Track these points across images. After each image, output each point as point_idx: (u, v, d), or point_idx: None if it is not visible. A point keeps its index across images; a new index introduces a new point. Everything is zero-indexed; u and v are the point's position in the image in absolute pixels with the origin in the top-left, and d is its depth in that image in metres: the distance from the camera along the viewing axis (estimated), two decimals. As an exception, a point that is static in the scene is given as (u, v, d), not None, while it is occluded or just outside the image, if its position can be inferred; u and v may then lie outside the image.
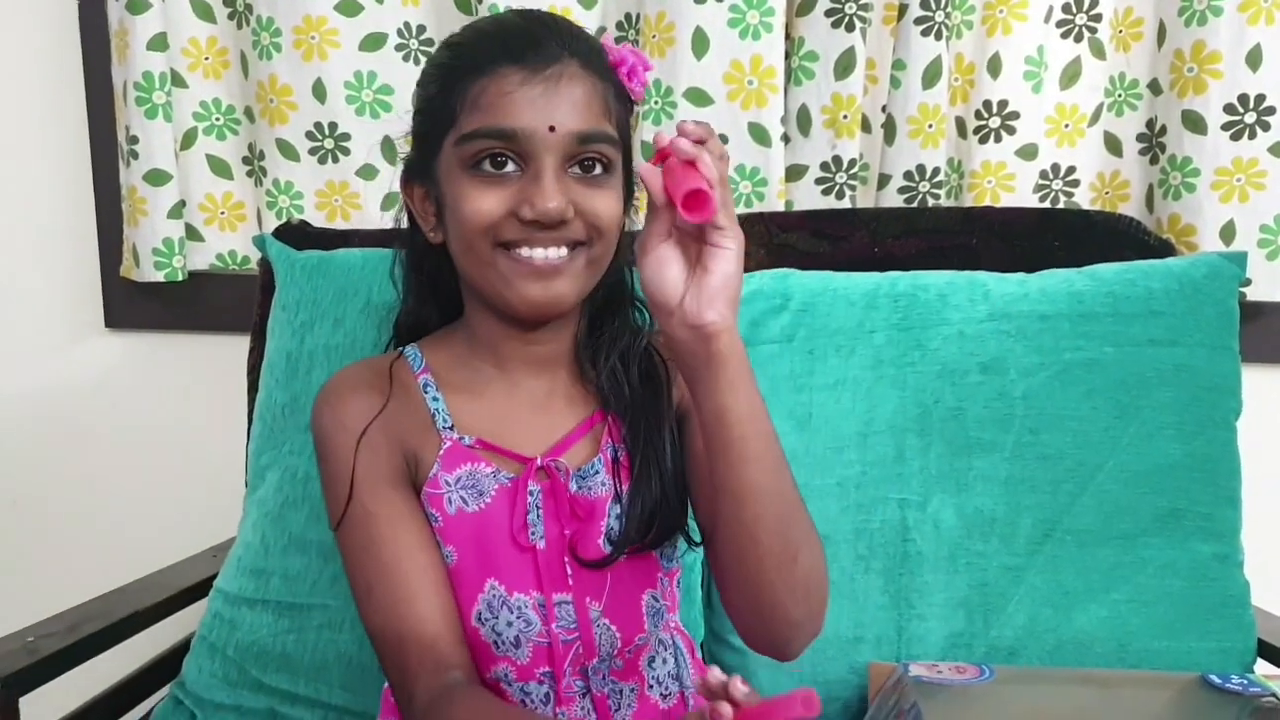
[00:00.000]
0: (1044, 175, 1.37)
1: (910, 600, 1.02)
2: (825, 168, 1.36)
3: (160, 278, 1.45)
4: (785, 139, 1.36)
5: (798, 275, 1.14)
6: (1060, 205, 1.38)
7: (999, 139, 1.34)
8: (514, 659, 0.80)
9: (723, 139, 1.33)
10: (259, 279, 1.25)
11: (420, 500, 0.81)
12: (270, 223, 1.43)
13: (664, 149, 0.68)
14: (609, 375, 0.84)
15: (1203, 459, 1.03)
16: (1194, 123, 1.28)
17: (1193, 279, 1.06)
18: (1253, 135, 1.28)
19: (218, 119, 1.48)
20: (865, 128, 1.37)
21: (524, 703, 0.81)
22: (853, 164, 1.35)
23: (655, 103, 1.35)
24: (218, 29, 1.46)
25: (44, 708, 0.94)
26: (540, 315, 0.79)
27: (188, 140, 1.47)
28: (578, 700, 0.81)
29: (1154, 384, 1.03)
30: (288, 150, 1.42)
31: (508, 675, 0.81)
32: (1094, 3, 1.33)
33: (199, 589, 1.14)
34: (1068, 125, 1.36)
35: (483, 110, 0.74)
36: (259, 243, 1.24)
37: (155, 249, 1.43)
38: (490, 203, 0.74)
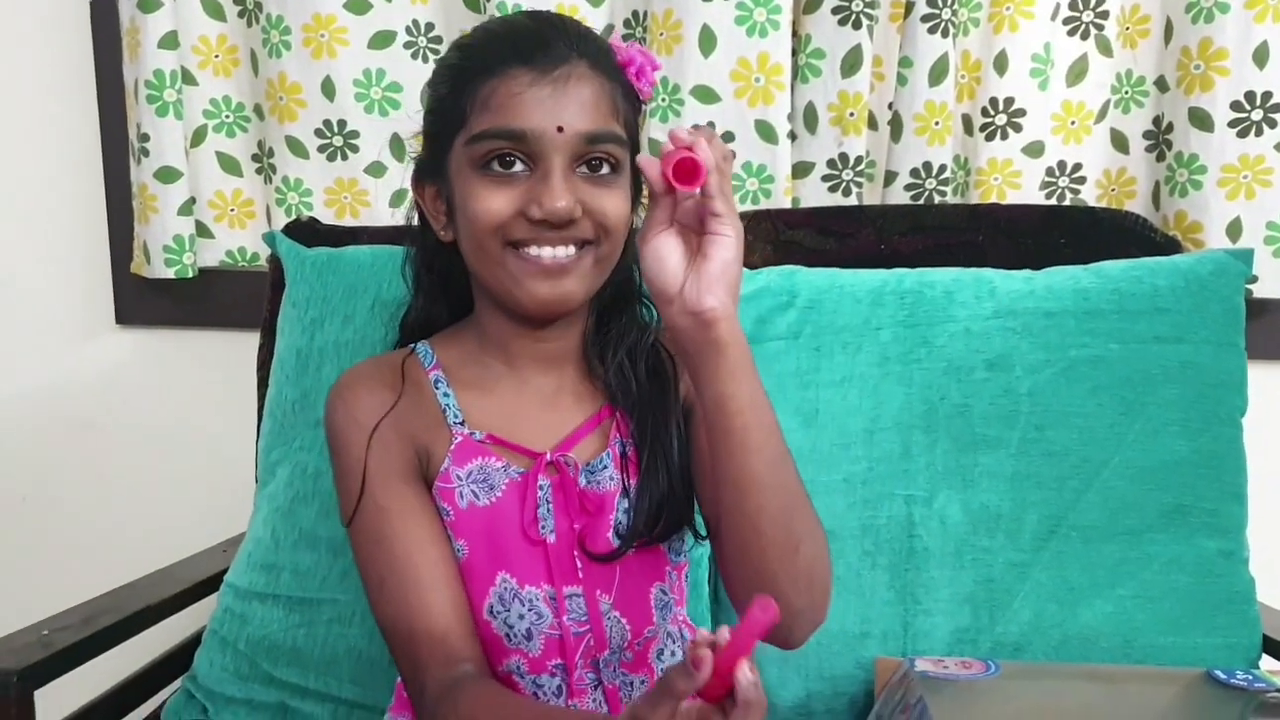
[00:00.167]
0: (1050, 172, 1.37)
1: (916, 596, 1.02)
2: (832, 165, 1.36)
3: (170, 274, 1.45)
4: (792, 136, 1.36)
5: (804, 272, 1.14)
6: (1066, 202, 1.38)
7: (1005, 136, 1.34)
8: (526, 651, 0.81)
9: (729, 136, 1.34)
10: (269, 276, 1.25)
11: (432, 495, 0.81)
12: (280, 220, 1.43)
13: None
14: (617, 371, 0.85)
15: (1208, 455, 1.03)
16: (1201, 120, 1.28)
17: (1199, 276, 1.06)
18: (1259, 132, 1.28)
19: (228, 116, 1.49)
20: (872, 125, 1.37)
21: (536, 695, 0.81)
22: (859, 161, 1.35)
23: (662, 100, 1.35)
24: (228, 27, 1.46)
25: (58, 701, 0.94)
26: (549, 314, 0.80)
27: (198, 137, 1.47)
28: (589, 692, 0.82)
29: (1160, 381, 1.03)
30: (297, 147, 1.43)
31: (520, 668, 0.81)
32: (1101, 0, 1.33)
33: (210, 583, 1.15)
34: (1074, 122, 1.37)
35: (492, 111, 0.74)
36: (269, 240, 1.24)
37: (166, 246, 1.44)
38: (499, 202, 0.75)
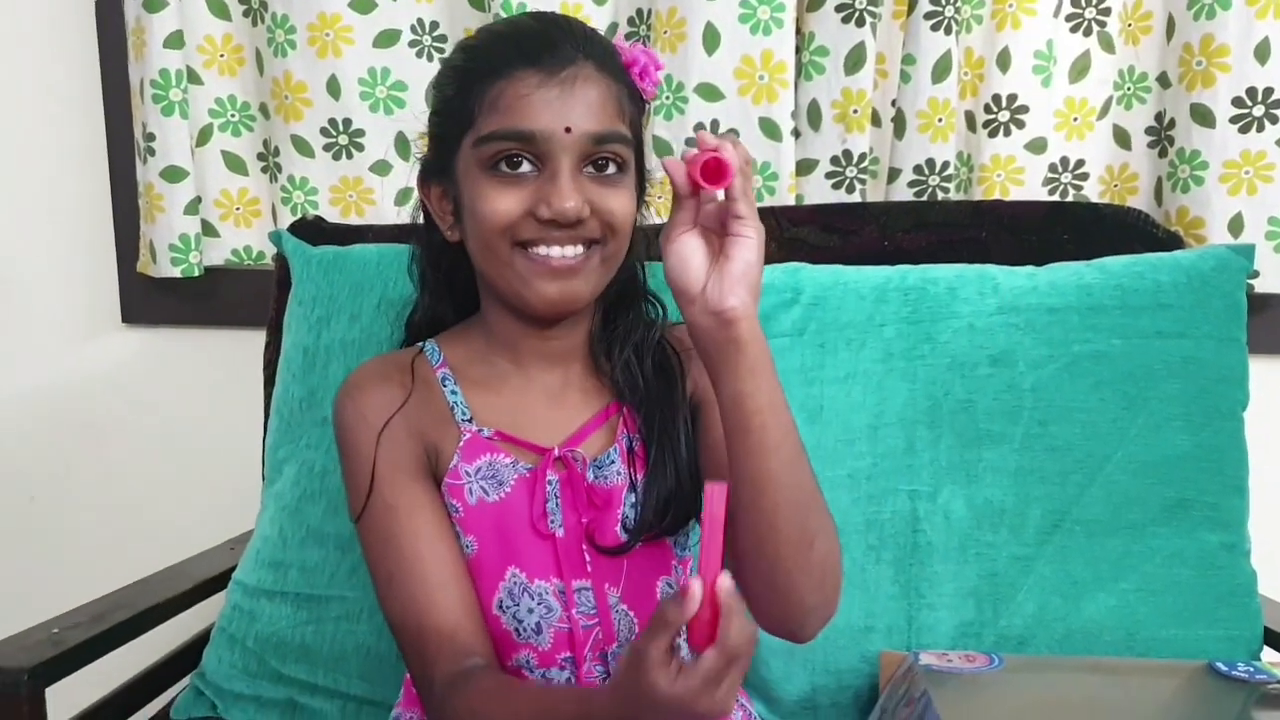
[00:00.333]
0: (1053, 169, 1.37)
1: (921, 590, 1.03)
2: (835, 162, 1.36)
3: (177, 273, 1.46)
4: (796, 134, 1.36)
5: (808, 269, 1.14)
6: (1069, 198, 1.38)
7: (1008, 133, 1.34)
8: (535, 645, 0.81)
9: (734, 134, 1.34)
10: (275, 274, 1.26)
11: (440, 492, 0.82)
12: (285, 218, 1.43)
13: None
14: (623, 368, 0.85)
15: (1210, 449, 1.03)
16: (1202, 116, 1.29)
17: (1201, 271, 1.06)
18: (1261, 128, 1.28)
19: (233, 116, 1.49)
20: (875, 122, 1.38)
21: (545, 689, 0.82)
22: (863, 158, 1.35)
23: (666, 98, 1.35)
24: (233, 26, 1.47)
25: (69, 698, 0.95)
26: (557, 313, 0.81)
27: (203, 137, 1.48)
28: (598, 685, 0.82)
29: (1162, 376, 1.04)
30: (302, 146, 1.44)
31: (529, 662, 0.82)
32: (1103, -3, 1.34)
33: (218, 581, 1.15)
34: (1077, 119, 1.37)
35: (500, 112, 0.75)
36: (275, 238, 1.24)
37: (172, 245, 1.44)
38: (508, 203, 0.76)
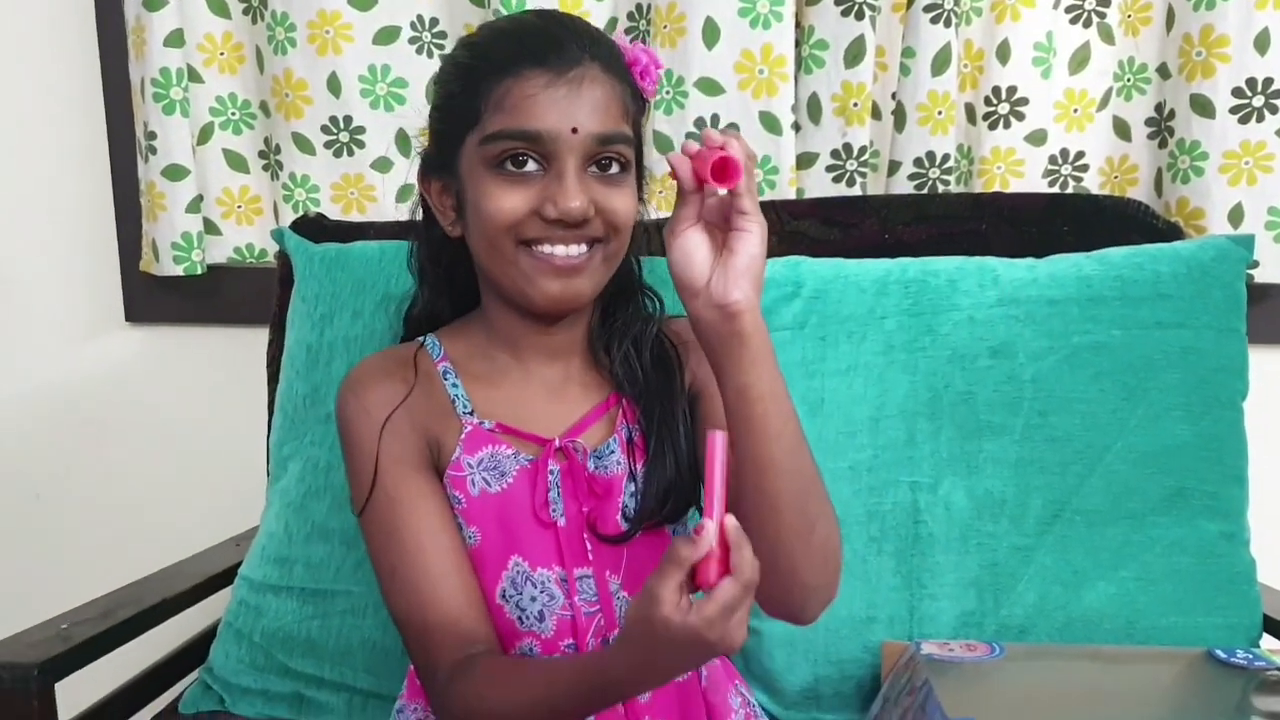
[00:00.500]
0: (1053, 160, 1.37)
1: (922, 580, 1.03)
2: (836, 155, 1.37)
3: (179, 271, 1.46)
4: (796, 127, 1.37)
5: (809, 262, 1.14)
6: (1069, 190, 1.38)
7: (1008, 125, 1.35)
8: (539, 634, 0.82)
9: (734, 128, 1.34)
10: (277, 272, 1.26)
11: (443, 484, 0.83)
12: (287, 216, 1.44)
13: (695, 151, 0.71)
14: (622, 360, 0.86)
15: (1210, 439, 1.04)
16: (1202, 107, 1.29)
17: (1200, 262, 1.07)
18: (1260, 118, 1.28)
19: (234, 114, 1.49)
20: (875, 115, 1.38)
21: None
22: (863, 151, 1.36)
23: (667, 93, 1.36)
24: (233, 24, 1.47)
25: (78, 693, 0.96)
26: (560, 311, 0.82)
27: (204, 135, 1.48)
28: (602, 649, 0.83)
29: (1162, 366, 1.04)
30: (303, 144, 1.44)
31: (533, 650, 0.83)
32: (1102, -12, 1.34)
33: (224, 577, 1.16)
34: (1077, 110, 1.37)
35: (507, 111, 0.75)
36: (277, 236, 1.25)
37: (174, 243, 1.45)
38: (514, 201, 0.76)
